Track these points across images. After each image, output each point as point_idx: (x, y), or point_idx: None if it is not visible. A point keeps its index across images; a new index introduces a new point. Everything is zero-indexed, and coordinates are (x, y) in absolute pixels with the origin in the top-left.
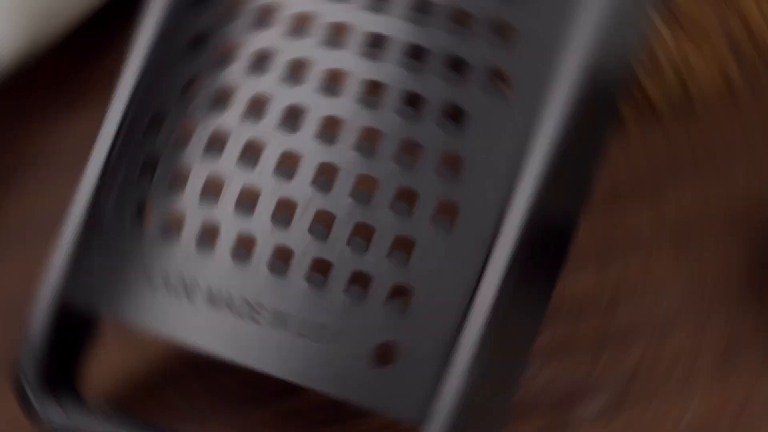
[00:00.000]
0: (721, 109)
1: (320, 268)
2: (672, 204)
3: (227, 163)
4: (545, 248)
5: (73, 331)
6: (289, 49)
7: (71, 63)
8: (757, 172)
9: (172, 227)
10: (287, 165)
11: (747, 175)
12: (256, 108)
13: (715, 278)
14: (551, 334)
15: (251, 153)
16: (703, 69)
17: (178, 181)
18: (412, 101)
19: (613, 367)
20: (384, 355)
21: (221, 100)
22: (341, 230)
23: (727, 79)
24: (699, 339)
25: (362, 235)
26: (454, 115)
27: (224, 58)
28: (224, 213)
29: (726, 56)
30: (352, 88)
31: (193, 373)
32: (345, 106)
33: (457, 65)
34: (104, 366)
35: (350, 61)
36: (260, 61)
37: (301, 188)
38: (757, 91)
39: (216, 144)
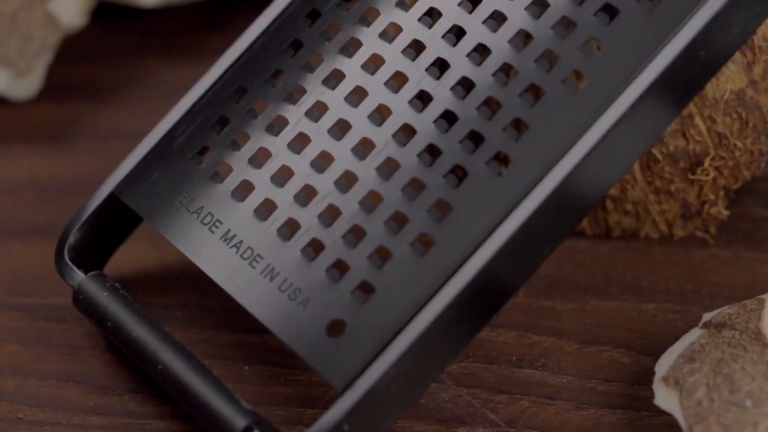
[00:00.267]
0: (657, 247)
1: (315, 247)
2: (591, 306)
3: (278, 143)
4: (483, 299)
5: (114, 221)
6: (356, 80)
7: (197, 27)
8: (659, 302)
9: (219, 174)
10: (321, 161)
11: (649, 300)
12: (316, 113)
13: (603, 373)
14: (466, 365)
15: (299, 143)
16: (657, 214)
17: (237, 142)
18: (433, 151)
19: (503, 409)
20: (335, 328)
21: (292, 96)
22: (341, 225)
23: (670, 227)
24: (573, 412)
25: (355, 234)
26: (458, 173)
27: (307, 66)
28: (261, 179)
29: (676, 213)
30: (391, 127)
31: (194, 290)
32: (381, 135)
33: (475, 137)
34: (129, 257)
35: (399, 106)
36: (331, 80)
37: (325, 182)
38: (690, 244)
39: (275, 126)
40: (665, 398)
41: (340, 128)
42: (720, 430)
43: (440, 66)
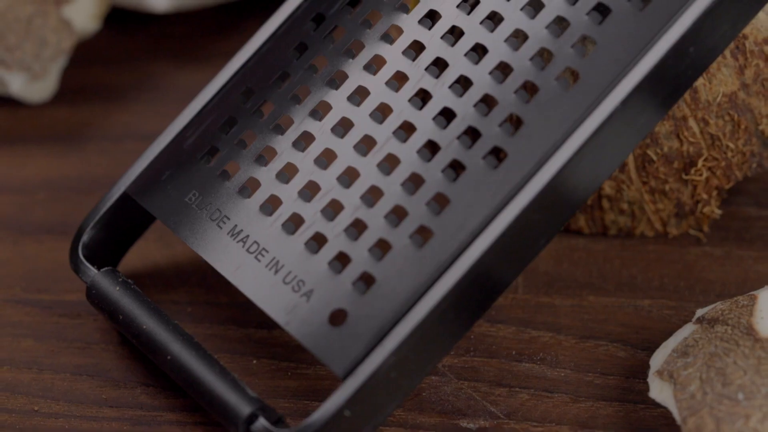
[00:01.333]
0: (652, 245)
1: (318, 240)
2: (588, 302)
3: (284, 142)
4: (479, 289)
5: (126, 219)
6: (359, 80)
7: (207, 32)
8: (653, 298)
9: (227, 172)
10: (325, 158)
11: (642, 296)
12: (320, 112)
13: (600, 367)
14: (467, 359)
15: (303, 141)
16: (652, 213)
17: (244, 141)
18: (432, 147)
19: (503, 401)
20: (337, 318)
21: (297, 97)
22: (343, 219)
23: (664, 226)
24: (570, 404)
25: (357, 227)
26: (456, 167)
27: (312, 68)
28: (266, 176)
29: (671, 212)
30: (392, 124)
31: (203, 286)
32: (382, 133)
33: (472, 133)
34: (140, 255)
35: (400, 104)
36: (334, 81)
37: (328, 178)
38: (684, 242)
39: (281, 126)
40: (660, 391)
41: (343, 126)
42: (713, 422)
43: (439, 65)
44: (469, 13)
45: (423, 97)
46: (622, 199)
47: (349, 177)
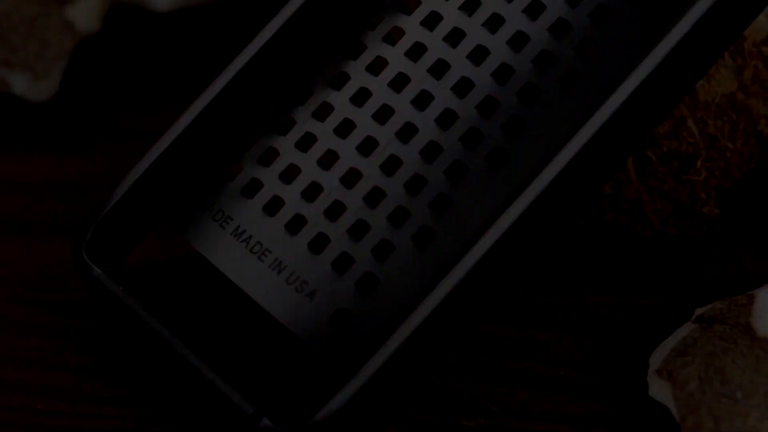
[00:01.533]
0: (651, 245)
1: (321, 241)
2: (587, 301)
3: (286, 143)
4: (481, 290)
5: (131, 220)
6: (361, 82)
7: (210, 31)
8: (652, 297)
9: (230, 173)
10: (328, 159)
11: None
12: (322, 113)
13: (599, 366)
14: (467, 359)
15: (306, 142)
16: (651, 213)
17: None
18: (434, 148)
19: (503, 400)
20: (340, 318)
21: (299, 98)
22: (347, 219)
23: (663, 225)
24: (569, 403)
25: (360, 228)
26: (458, 169)
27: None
28: (269, 176)
29: (670, 211)
30: (394, 125)
31: (204, 286)
32: (384, 134)
33: (474, 134)
34: (144, 255)
35: (402, 105)
36: (336, 82)
37: (330, 179)
38: (683, 241)
39: (283, 127)
40: (659, 390)
41: (346, 128)
42: (711, 421)
43: (441, 67)
44: (470, 15)
45: (425, 98)
46: (622, 199)
47: (351, 178)
